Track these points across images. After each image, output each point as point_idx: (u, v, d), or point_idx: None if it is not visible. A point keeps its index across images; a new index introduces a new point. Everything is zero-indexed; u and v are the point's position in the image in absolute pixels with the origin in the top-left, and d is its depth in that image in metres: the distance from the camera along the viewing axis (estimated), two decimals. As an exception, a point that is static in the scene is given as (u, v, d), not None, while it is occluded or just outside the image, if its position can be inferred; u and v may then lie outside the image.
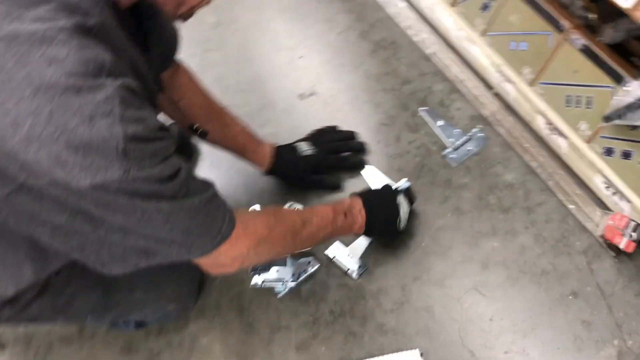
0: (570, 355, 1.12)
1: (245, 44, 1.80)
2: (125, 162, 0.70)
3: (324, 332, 1.26)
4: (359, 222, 1.19)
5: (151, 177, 0.75)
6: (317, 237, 1.10)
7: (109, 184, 0.70)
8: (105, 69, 0.70)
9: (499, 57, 1.38)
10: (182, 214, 0.81)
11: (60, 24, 0.69)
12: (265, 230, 0.98)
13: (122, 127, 0.69)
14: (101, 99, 0.68)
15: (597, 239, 1.23)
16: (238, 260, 0.94)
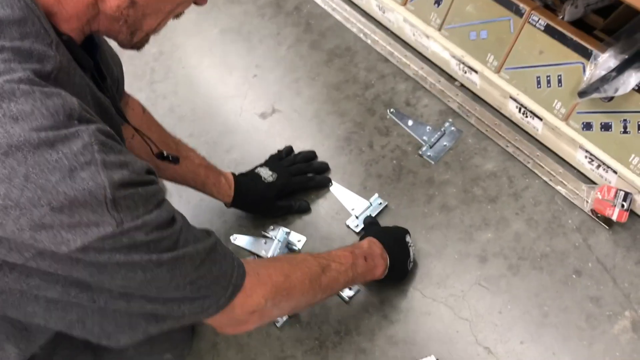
0: (586, 334, 1.11)
1: (193, 71, 1.73)
2: (116, 214, 0.64)
3: (332, 354, 1.20)
4: (381, 267, 1.12)
5: (147, 224, 0.68)
6: (338, 284, 1.02)
7: (101, 241, 0.64)
8: (75, 115, 0.65)
9: (460, 49, 1.38)
10: (187, 265, 0.75)
11: (18, 75, 0.63)
12: (280, 277, 0.91)
13: (107, 174, 0.64)
14: (78, 148, 0.62)
15: (588, 214, 1.23)
16: (256, 313, 0.87)
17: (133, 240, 0.66)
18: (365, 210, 1.34)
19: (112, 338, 0.79)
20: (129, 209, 0.65)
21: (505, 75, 1.30)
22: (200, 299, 0.79)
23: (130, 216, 0.65)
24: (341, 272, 1.02)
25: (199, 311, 0.79)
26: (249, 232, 1.40)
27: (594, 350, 1.10)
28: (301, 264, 0.97)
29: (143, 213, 0.67)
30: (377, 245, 1.13)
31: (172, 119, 1.63)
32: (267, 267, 0.91)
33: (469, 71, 1.38)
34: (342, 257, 1.04)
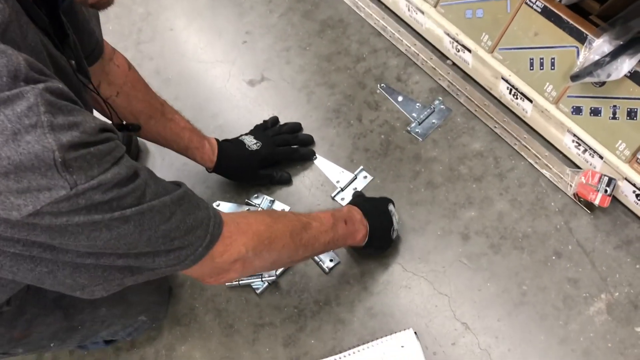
0: (563, 314, 1.13)
1: (180, 33, 1.69)
2: (69, 176, 0.60)
3: (311, 323, 1.21)
4: (362, 232, 1.12)
5: (104, 183, 0.64)
6: (318, 243, 1.01)
7: (56, 204, 0.60)
8: (22, 75, 0.60)
9: (455, 26, 1.37)
10: (156, 218, 0.72)
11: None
12: (261, 226, 0.89)
13: (55, 136, 0.59)
14: (22, 109, 0.58)
15: (571, 197, 1.24)
16: (238, 262, 0.85)
17: (91, 201, 0.63)
18: (350, 182, 1.34)
19: (85, 290, 0.76)
20: (82, 170, 0.62)
21: (499, 55, 1.30)
22: (176, 250, 0.76)
23: (85, 177, 0.62)
24: (322, 232, 1.01)
25: (175, 263, 0.77)
26: (232, 199, 1.38)
27: (569, 330, 1.12)
28: (282, 217, 0.96)
29: (98, 173, 0.64)
30: (356, 211, 1.13)
31: (158, 81, 1.60)
32: (247, 217, 0.89)
33: (462, 50, 1.38)
34: (323, 218, 1.03)
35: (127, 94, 1.15)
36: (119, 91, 1.14)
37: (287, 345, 1.19)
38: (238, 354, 1.19)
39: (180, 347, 1.22)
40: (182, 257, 0.77)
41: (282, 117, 1.47)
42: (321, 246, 1.02)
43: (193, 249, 0.78)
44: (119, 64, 1.15)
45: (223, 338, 1.22)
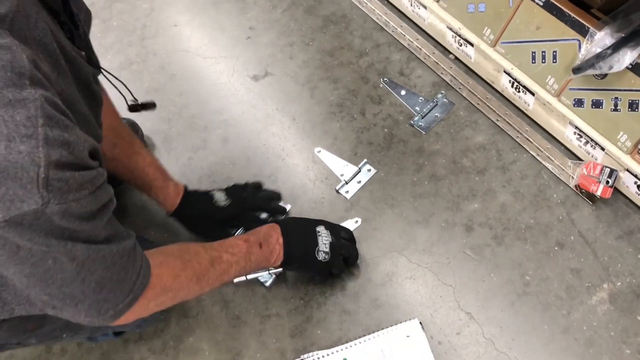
0: (565, 304, 1.15)
1: (184, 29, 1.71)
2: (45, 193, 0.60)
3: (317, 314, 1.22)
4: (277, 252, 1.10)
5: (72, 211, 0.65)
6: (227, 275, 1.01)
7: (22, 217, 0.60)
8: (26, 73, 0.60)
9: (457, 21, 1.38)
10: (98, 263, 0.72)
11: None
12: (170, 278, 0.88)
13: (45, 152, 0.60)
14: (22, 118, 0.58)
15: (573, 189, 1.26)
16: (136, 313, 0.83)
17: (52, 224, 0.63)
18: (354, 175, 1.35)
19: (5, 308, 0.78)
20: (59, 191, 0.62)
21: (501, 49, 1.32)
22: (101, 302, 0.75)
23: (58, 199, 0.62)
24: (232, 263, 1.01)
25: (95, 314, 0.76)
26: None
27: (571, 319, 1.13)
28: (193, 260, 0.95)
29: (72, 199, 0.64)
30: (275, 231, 1.12)
31: (163, 76, 1.61)
32: (160, 267, 0.87)
33: (465, 44, 1.39)
34: (235, 247, 1.03)
35: None
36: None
37: (293, 336, 1.20)
38: (245, 345, 1.21)
39: (187, 339, 1.23)
40: (103, 310, 0.77)
41: (286, 112, 1.48)
42: (230, 277, 1.03)
43: (115, 303, 0.78)
44: None
45: (230, 329, 1.23)
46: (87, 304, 0.75)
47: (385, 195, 1.32)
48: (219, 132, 1.48)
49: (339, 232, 1.20)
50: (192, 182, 1.41)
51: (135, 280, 0.80)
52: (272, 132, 1.46)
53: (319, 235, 1.15)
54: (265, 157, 1.43)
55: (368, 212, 1.31)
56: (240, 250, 1.03)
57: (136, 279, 0.80)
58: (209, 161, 1.43)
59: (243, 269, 1.04)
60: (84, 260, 0.70)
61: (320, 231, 1.16)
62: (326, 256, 1.14)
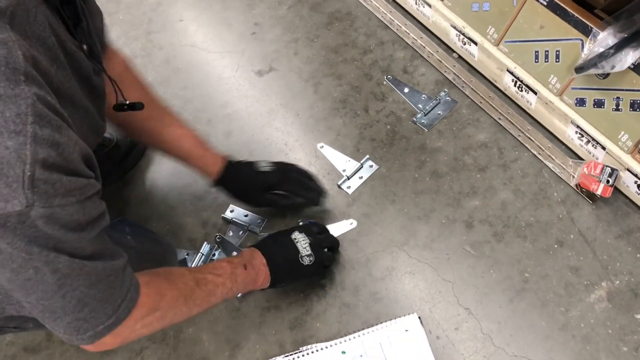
0: (564, 301, 1.15)
1: (190, 24, 1.72)
2: (30, 194, 0.59)
3: (316, 307, 1.23)
4: (264, 273, 1.10)
5: (57, 218, 0.63)
6: (215, 296, 0.99)
7: (5, 218, 0.59)
8: (21, 69, 0.60)
9: (461, 19, 1.39)
10: (81, 279, 0.70)
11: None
12: (156, 297, 0.86)
13: (33, 150, 0.59)
14: (12, 114, 0.58)
15: (574, 188, 1.27)
16: (122, 336, 0.81)
17: (35, 229, 0.62)
18: (356, 171, 1.36)
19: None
20: (45, 194, 0.61)
21: (505, 48, 1.33)
22: (80, 320, 0.73)
23: (43, 202, 0.61)
24: (218, 284, 0.99)
25: (73, 332, 0.74)
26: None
27: (569, 317, 1.14)
28: (178, 280, 0.94)
29: (58, 204, 0.63)
30: (257, 254, 1.11)
31: (168, 70, 1.62)
32: (147, 285, 0.85)
33: (468, 42, 1.40)
34: (219, 268, 1.02)
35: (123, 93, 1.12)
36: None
37: (293, 328, 1.21)
38: (245, 337, 1.22)
39: (187, 330, 1.24)
40: (82, 330, 0.74)
41: (290, 107, 1.49)
42: (218, 299, 1.00)
43: (95, 324, 0.75)
44: (116, 62, 1.13)
45: (230, 321, 1.24)
46: (66, 321, 0.72)
47: (387, 191, 1.33)
48: (222, 126, 1.49)
49: (312, 230, 1.20)
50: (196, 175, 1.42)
51: (120, 303, 0.77)
52: (275, 126, 1.47)
53: (297, 242, 1.15)
54: (268, 152, 1.44)
55: (369, 208, 1.32)
56: (224, 271, 1.02)
57: (121, 302, 0.77)
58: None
59: (230, 290, 1.02)
60: (67, 274, 0.68)
61: (297, 237, 1.16)
62: (311, 258, 1.15)
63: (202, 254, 1.30)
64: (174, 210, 1.38)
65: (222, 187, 1.24)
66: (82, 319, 0.73)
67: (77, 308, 0.72)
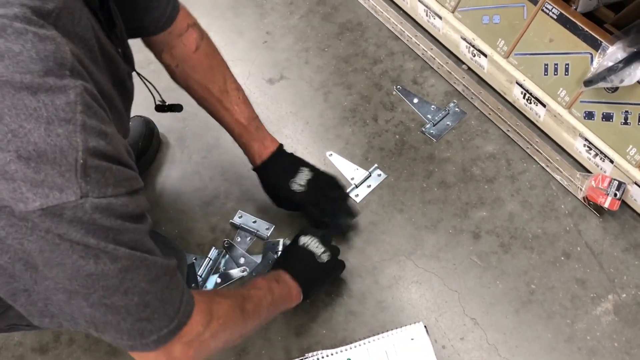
0: (570, 313, 1.16)
1: (204, 31, 1.74)
2: (83, 183, 0.59)
3: (322, 314, 1.23)
4: (295, 288, 1.10)
5: (112, 209, 0.63)
6: (262, 309, 0.98)
7: (61, 209, 0.59)
8: (67, 66, 0.61)
9: (472, 32, 1.41)
10: (142, 272, 0.68)
11: (14, 11, 0.59)
12: (213, 305, 0.85)
13: (84, 137, 0.60)
14: (61, 103, 0.59)
15: (581, 201, 1.27)
16: (193, 346, 0.79)
17: (92, 220, 0.61)
18: (364, 180, 1.37)
19: (54, 320, 0.72)
20: (97, 183, 0.61)
21: (514, 60, 1.34)
22: (143, 321, 0.71)
23: (97, 192, 0.61)
24: (261, 297, 0.99)
25: (137, 334, 0.71)
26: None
27: (575, 329, 1.14)
28: (225, 293, 0.95)
29: (111, 194, 0.63)
30: (281, 272, 1.12)
31: (179, 76, 1.64)
32: (199, 294, 0.84)
33: (478, 54, 1.41)
34: (257, 283, 1.03)
35: (185, 71, 1.16)
36: (179, 64, 1.16)
37: (299, 335, 1.22)
38: (251, 342, 1.22)
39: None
40: (146, 333, 0.72)
41: (300, 115, 1.51)
42: (265, 311, 0.99)
43: (158, 326, 0.73)
44: (186, 43, 1.15)
45: (236, 326, 1.25)
46: (129, 324, 0.70)
47: (395, 200, 1.34)
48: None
49: (310, 228, 1.21)
50: (205, 179, 1.44)
51: (179, 305, 0.75)
52: (285, 134, 1.49)
53: (307, 246, 1.16)
54: (278, 159, 1.45)
55: (377, 216, 1.33)
56: (262, 285, 1.03)
57: (180, 304, 0.75)
58: (222, 160, 1.46)
59: (272, 304, 1.02)
60: (128, 266, 0.67)
61: (305, 241, 1.17)
62: (327, 252, 1.16)
63: (209, 259, 1.31)
64: (183, 215, 1.39)
65: (259, 175, 1.26)
66: (146, 320, 0.71)
67: (140, 307, 0.70)
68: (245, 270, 1.30)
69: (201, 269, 1.30)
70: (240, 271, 1.30)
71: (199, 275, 1.29)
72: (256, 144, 1.23)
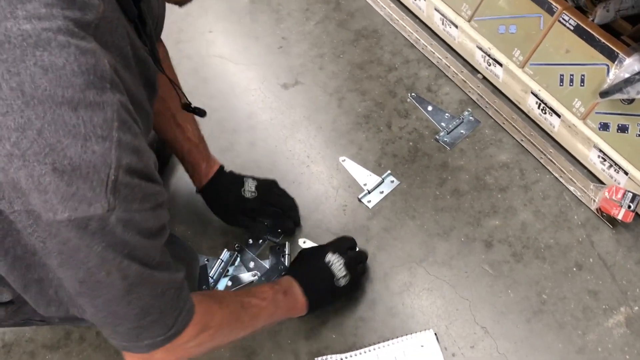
0: (581, 324, 1.15)
1: (219, 36, 1.75)
2: (112, 198, 0.62)
3: (332, 319, 1.23)
4: (301, 302, 1.12)
5: (135, 223, 0.66)
6: (259, 320, 1.01)
7: (87, 220, 0.61)
8: (107, 79, 0.63)
9: (488, 41, 1.41)
10: (148, 288, 0.72)
11: (58, 24, 0.60)
12: (208, 316, 0.88)
13: (118, 155, 0.62)
14: (99, 120, 0.61)
15: (594, 212, 1.27)
16: (175, 354, 0.82)
17: (113, 234, 0.64)
18: (377, 186, 1.38)
19: (60, 308, 0.78)
20: (125, 199, 0.64)
21: (530, 70, 1.34)
22: (139, 328, 0.75)
23: (124, 207, 0.64)
24: (262, 308, 1.01)
25: (133, 339, 0.76)
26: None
27: (586, 340, 1.14)
28: (225, 302, 0.96)
29: (136, 210, 0.66)
30: (294, 283, 1.13)
31: (196, 79, 1.65)
32: (199, 304, 0.86)
33: (494, 64, 1.42)
34: (262, 292, 1.04)
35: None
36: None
37: (308, 339, 1.22)
38: (260, 345, 1.22)
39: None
40: (142, 337, 0.76)
41: (313, 120, 1.52)
42: (261, 323, 1.02)
43: (154, 334, 0.77)
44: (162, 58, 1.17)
45: (246, 328, 1.25)
46: (127, 328, 0.74)
47: (407, 207, 1.34)
48: (247, 136, 1.52)
49: (345, 247, 1.21)
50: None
51: (177, 316, 0.79)
52: (298, 138, 1.49)
53: (331, 265, 1.16)
54: (290, 163, 1.46)
55: (389, 222, 1.33)
56: (267, 295, 1.04)
57: (178, 315, 0.79)
58: (235, 163, 1.45)
59: (272, 315, 1.04)
60: (135, 283, 0.70)
61: (330, 260, 1.17)
62: (346, 278, 1.16)
63: (221, 260, 1.32)
64: (196, 217, 1.40)
65: (203, 197, 1.30)
66: (143, 327, 0.75)
67: (140, 316, 0.73)
68: (256, 275, 1.31)
69: (213, 270, 1.31)
70: (252, 275, 1.31)
71: (211, 277, 1.30)
72: (204, 164, 1.27)
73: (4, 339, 1.31)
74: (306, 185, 1.42)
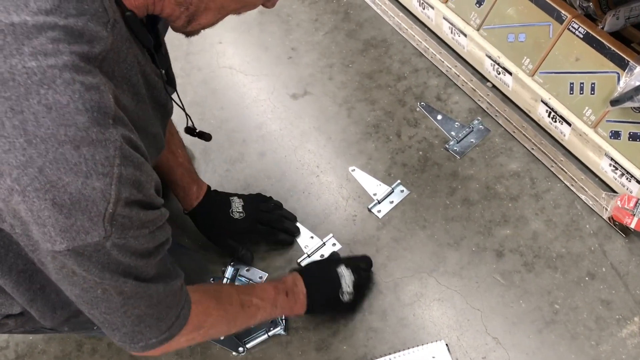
0: (594, 334, 1.14)
1: (228, 47, 1.76)
2: (109, 227, 0.64)
3: (343, 330, 1.23)
4: (300, 301, 1.14)
5: (130, 246, 0.68)
6: (255, 319, 1.05)
7: (84, 248, 0.64)
8: (110, 114, 0.64)
9: (497, 49, 1.41)
10: (144, 299, 0.76)
11: (64, 59, 0.62)
12: (203, 317, 0.91)
13: (117, 190, 0.64)
14: (100, 158, 0.62)
15: (606, 221, 1.26)
16: (168, 347, 0.86)
17: (109, 257, 0.67)
18: (387, 195, 1.37)
19: (64, 310, 0.86)
20: (122, 226, 0.65)
21: (539, 79, 1.33)
22: (135, 332, 0.79)
23: (120, 234, 0.66)
24: (260, 308, 1.04)
25: (128, 342, 0.80)
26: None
27: (600, 351, 1.12)
28: (225, 301, 0.98)
29: (132, 235, 0.68)
30: (300, 282, 1.15)
31: (205, 90, 1.67)
32: (196, 304, 0.89)
33: (503, 72, 1.41)
34: (264, 292, 1.07)
35: None
36: None
37: (319, 350, 1.22)
38: (271, 355, 1.23)
39: (215, 346, 1.26)
40: (136, 340, 0.80)
41: (323, 130, 1.52)
42: (257, 321, 1.06)
43: (149, 337, 0.81)
44: None
45: (257, 339, 1.25)
46: (123, 332, 0.78)
47: (417, 217, 1.34)
48: (256, 146, 1.53)
49: (359, 265, 1.22)
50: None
51: (174, 321, 0.83)
52: (308, 149, 1.50)
53: (342, 277, 1.17)
54: (300, 173, 1.46)
55: (399, 232, 1.33)
56: (268, 296, 1.07)
57: (175, 320, 0.83)
58: (245, 174, 1.47)
59: (269, 315, 1.08)
60: (131, 296, 0.74)
61: (343, 272, 1.18)
62: (351, 296, 1.17)
63: (227, 279, 1.33)
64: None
65: (191, 219, 1.31)
66: (138, 332, 0.79)
67: (135, 323, 0.77)
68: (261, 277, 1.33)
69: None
70: (258, 277, 1.33)
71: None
72: (194, 187, 1.28)
73: (17, 350, 1.32)
74: (316, 195, 1.42)
